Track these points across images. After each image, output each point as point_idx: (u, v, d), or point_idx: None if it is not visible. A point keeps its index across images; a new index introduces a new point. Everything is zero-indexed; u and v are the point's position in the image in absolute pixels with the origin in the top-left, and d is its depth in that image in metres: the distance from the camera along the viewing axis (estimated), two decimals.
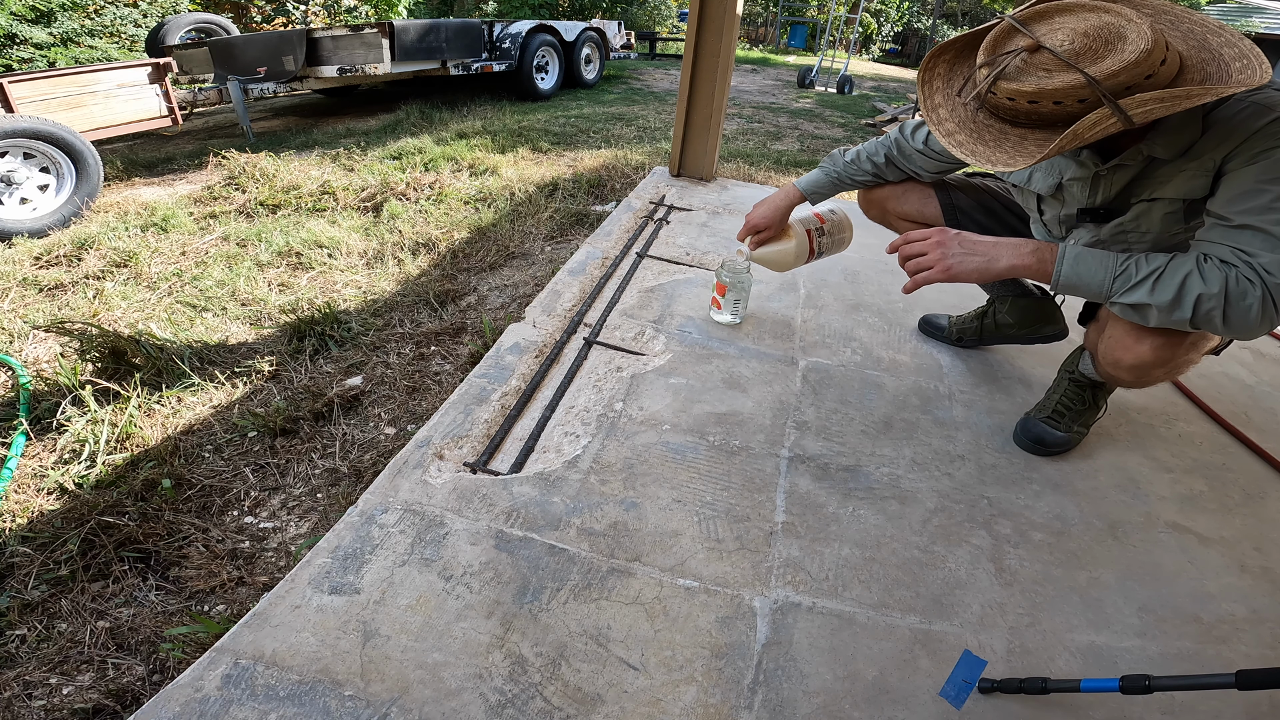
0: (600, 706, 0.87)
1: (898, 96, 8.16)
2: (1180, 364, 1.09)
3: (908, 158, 1.44)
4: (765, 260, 1.62)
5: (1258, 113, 0.90)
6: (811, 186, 1.54)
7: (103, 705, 1.00)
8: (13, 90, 3.11)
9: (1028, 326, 1.63)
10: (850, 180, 1.54)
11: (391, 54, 4.46)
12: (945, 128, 0.97)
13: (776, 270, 1.64)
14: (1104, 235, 1.13)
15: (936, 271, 1.09)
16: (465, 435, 1.32)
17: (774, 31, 15.82)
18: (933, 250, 1.10)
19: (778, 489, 1.25)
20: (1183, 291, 0.92)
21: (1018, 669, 0.96)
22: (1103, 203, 1.10)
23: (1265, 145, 0.89)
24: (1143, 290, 0.96)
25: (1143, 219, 1.06)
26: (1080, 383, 1.39)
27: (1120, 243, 1.11)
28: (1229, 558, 1.19)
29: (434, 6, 11.72)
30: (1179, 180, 0.99)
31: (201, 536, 1.30)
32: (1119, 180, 1.06)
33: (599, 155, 3.95)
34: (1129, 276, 0.97)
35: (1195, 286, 0.92)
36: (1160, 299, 0.94)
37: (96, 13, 7.07)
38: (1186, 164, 0.97)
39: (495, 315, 2.11)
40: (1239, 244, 0.91)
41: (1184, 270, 0.93)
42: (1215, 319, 0.91)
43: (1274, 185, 0.89)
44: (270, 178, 3.34)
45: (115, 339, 1.76)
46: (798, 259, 1.57)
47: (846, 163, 1.52)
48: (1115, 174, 1.06)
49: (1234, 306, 0.89)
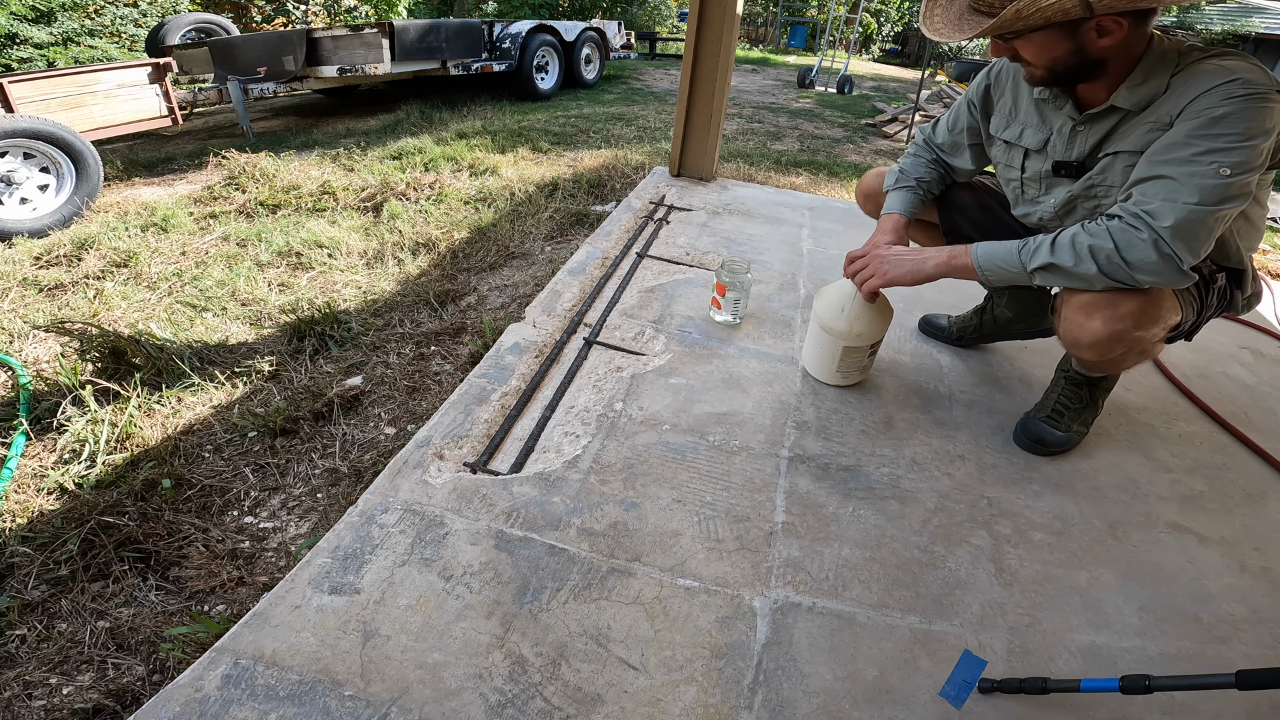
0: (600, 706, 0.87)
1: (898, 96, 8.16)
2: (1140, 341, 1.12)
3: (941, 147, 1.48)
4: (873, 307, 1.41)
5: (1217, 74, 0.95)
6: (909, 209, 1.44)
7: (103, 705, 1.00)
8: (13, 90, 3.11)
9: (1026, 320, 1.64)
10: (929, 190, 1.47)
11: (391, 54, 4.46)
12: (934, 25, 1.08)
13: (873, 328, 1.42)
14: (1077, 190, 1.18)
15: (877, 279, 1.29)
16: (465, 435, 1.32)
17: (774, 31, 15.82)
18: (872, 264, 1.30)
19: (778, 489, 1.25)
20: (1075, 247, 1.04)
21: (1018, 669, 0.96)
22: (1077, 157, 1.16)
23: (1210, 104, 0.95)
24: (1043, 253, 1.07)
25: (1108, 172, 1.12)
26: (1076, 381, 1.40)
27: (1091, 199, 1.17)
28: (1229, 558, 1.19)
29: (434, 6, 11.72)
30: (1138, 134, 1.05)
31: (201, 536, 1.30)
32: (1094, 135, 1.13)
33: (599, 155, 3.95)
34: (1030, 248, 1.09)
35: (1084, 240, 1.03)
36: (1060, 258, 1.05)
37: (96, 13, 7.07)
38: (1147, 118, 1.03)
39: (495, 315, 2.11)
40: (1141, 194, 1.00)
41: (1072, 231, 1.06)
42: (1119, 266, 1.01)
43: (1201, 140, 0.95)
44: (270, 178, 3.34)
45: (115, 339, 1.76)
46: (889, 316, 1.45)
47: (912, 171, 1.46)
48: (1091, 128, 1.13)
49: (1129, 251, 0.99)
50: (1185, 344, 1.89)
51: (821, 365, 1.54)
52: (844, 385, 1.56)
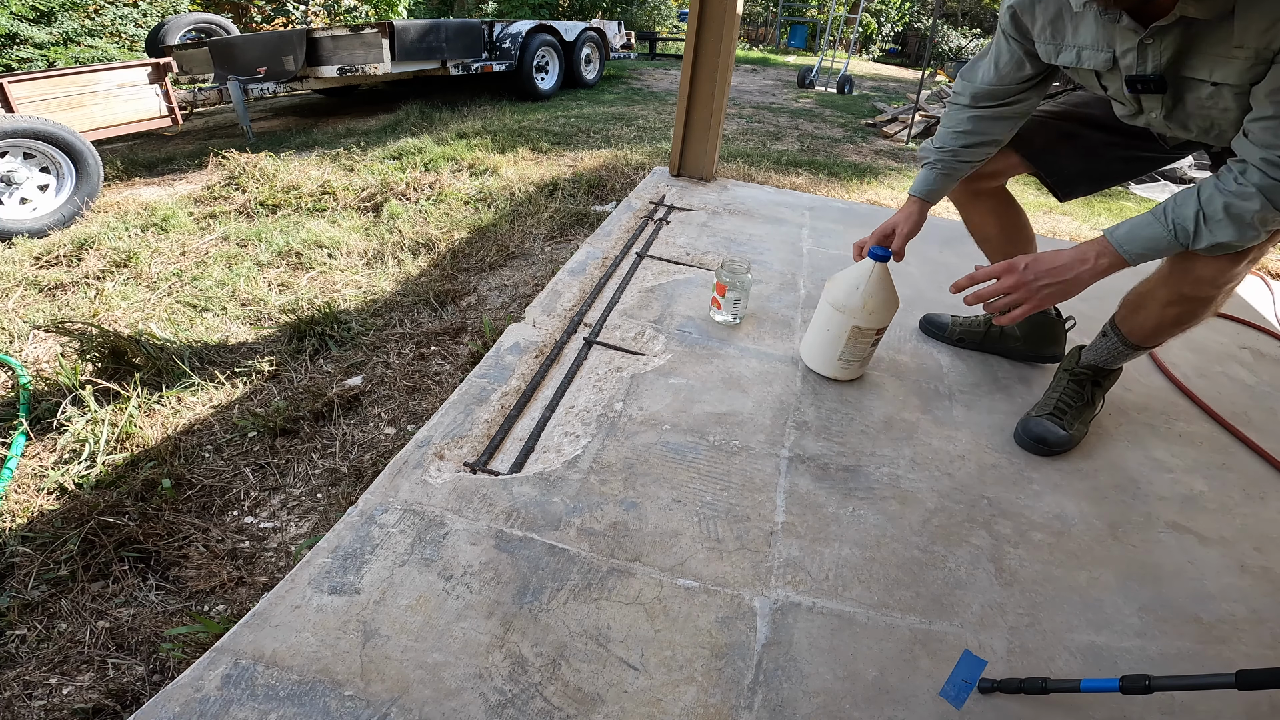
0: (600, 706, 0.87)
1: (898, 96, 8.15)
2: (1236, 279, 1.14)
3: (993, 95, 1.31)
4: (887, 286, 1.42)
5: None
6: (928, 188, 1.39)
7: (103, 705, 1.00)
8: (13, 90, 3.11)
9: (1032, 344, 1.64)
10: (962, 159, 1.36)
11: (391, 54, 4.46)
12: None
13: (885, 310, 1.42)
14: (1190, 107, 1.07)
15: (1029, 307, 1.16)
16: (465, 435, 1.32)
17: (774, 31, 15.81)
18: (1018, 291, 1.15)
19: (778, 489, 1.25)
20: (1231, 217, 1.00)
21: (1018, 669, 0.96)
22: (1154, 70, 1.05)
23: None
24: (1204, 235, 1.03)
25: (1216, 99, 1.03)
26: (1080, 379, 1.40)
27: (1203, 118, 1.07)
28: (1229, 558, 1.19)
29: (434, 6, 11.72)
30: (1235, 66, 0.96)
31: (201, 536, 1.30)
32: (1166, 48, 1.01)
33: (599, 155, 3.95)
34: (1184, 229, 1.04)
35: (1236, 207, 0.99)
36: (1222, 234, 1.01)
37: (96, 13, 7.07)
38: (1232, 38, 0.93)
39: (495, 315, 2.11)
40: (1268, 139, 0.95)
41: (1221, 200, 1.00)
42: (1276, 216, 0.98)
43: None
44: (270, 178, 3.34)
45: (115, 339, 1.76)
46: (897, 305, 1.44)
47: (950, 147, 1.36)
48: (1160, 40, 1.01)
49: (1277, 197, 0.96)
50: (1185, 344, 1.91)
51: (823, 352, 1.52)
52: (842, 379, 1.56)
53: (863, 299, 1.40)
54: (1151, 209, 1.09)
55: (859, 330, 1.44)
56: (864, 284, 1.39)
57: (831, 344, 1.50)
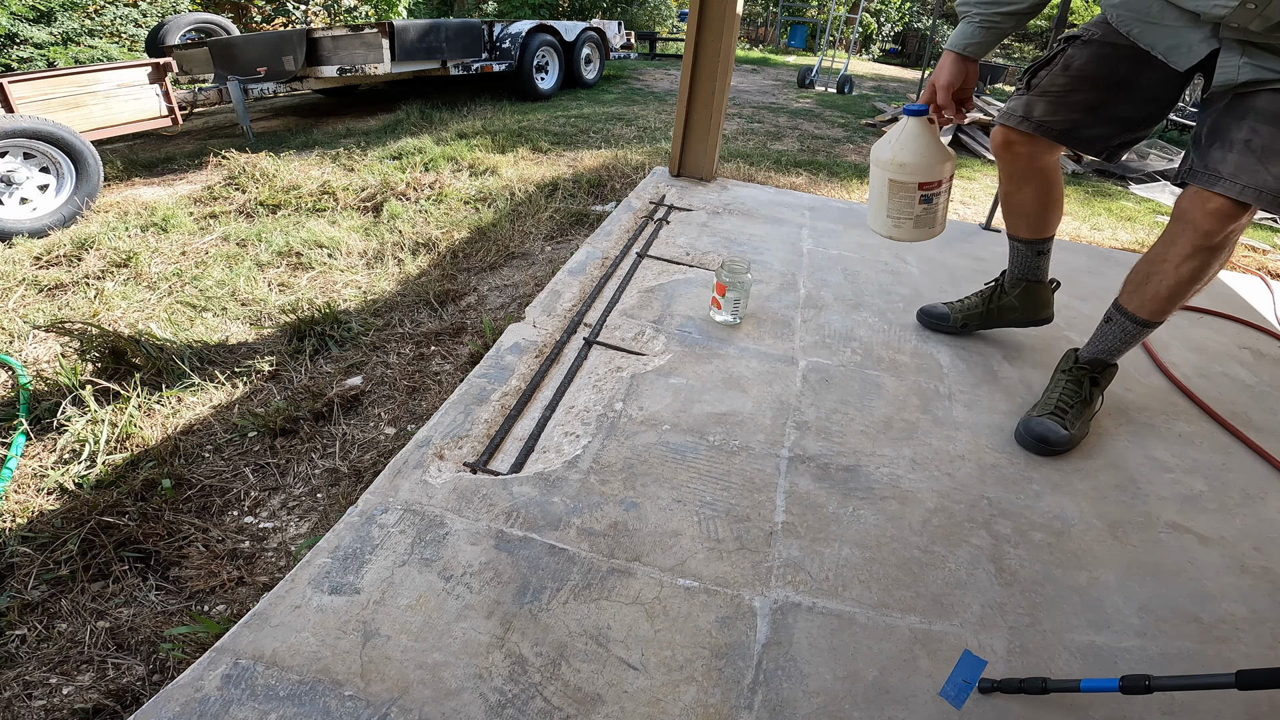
0: (600, 706, 0.87)
1: (898, 96, 8.15)
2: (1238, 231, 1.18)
3: None
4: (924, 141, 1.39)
5: None
6: (964, 40, 1.32)
7: (103, 705, 1.00)
8: (13, 90, 3.11)
9: (1029, 310, 1.68)
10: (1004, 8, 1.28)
11: (391, 54, 4.46)
12: None
13: (921, 161, 1.39)
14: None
15: None
16: (465, 435, 1.32)
17: (774, 31, 15.81)
18: None
19: (778, 489, 1.25)
20: None
21: (1018, 669, 0.96)
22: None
23: None
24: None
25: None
26: (1078, 377, 1.40)
27: None
28: (1229, 558, 1.19)
29: (434, 6, 11.72)
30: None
31: (201, 536, 1.30)
32: None
33: (599, 155, 3.95)
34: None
35: None
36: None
37: (96, 13, 7.07)
38: None
39: (495, 315, 2.11)
40: None
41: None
42: None
43: None
44: (270, 178, 3.34)
45: (115, 339, 1.76)
46: (944, 161, 1.40)
47: None
48: None
49: None
50: (1185, 344, 1.91)
51: (875, 211, 1.52)
52: (899, 239, 1.51)
53: (893, 151, 1.39)
54: None
55: (896, 185, 1.43)
56: (897, 138, 1.40)
57: (878, 201, 1.50)
